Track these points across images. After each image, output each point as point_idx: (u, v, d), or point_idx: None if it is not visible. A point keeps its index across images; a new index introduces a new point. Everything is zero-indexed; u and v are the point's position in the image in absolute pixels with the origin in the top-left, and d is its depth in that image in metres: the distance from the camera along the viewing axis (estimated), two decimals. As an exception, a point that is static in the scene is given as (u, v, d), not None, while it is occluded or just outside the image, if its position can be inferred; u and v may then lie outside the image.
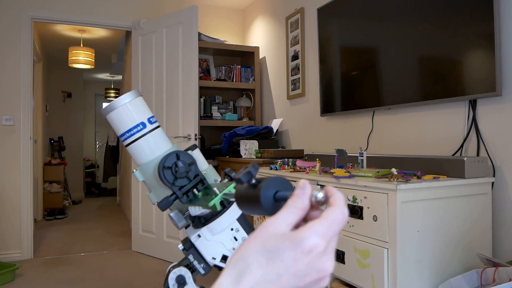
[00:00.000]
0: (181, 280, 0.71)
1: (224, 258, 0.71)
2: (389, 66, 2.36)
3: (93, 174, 9.00)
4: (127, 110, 0.74)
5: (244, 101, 4.24)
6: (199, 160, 0.76)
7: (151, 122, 0.76)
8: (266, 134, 3.65)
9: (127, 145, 0.75)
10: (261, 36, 4.25)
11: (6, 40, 3.70)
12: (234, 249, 0.71)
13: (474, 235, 1.74)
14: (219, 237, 0.71)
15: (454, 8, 1.96)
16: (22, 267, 3.39)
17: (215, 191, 0.65)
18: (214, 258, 0.71)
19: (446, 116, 2.11)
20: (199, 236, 0.71)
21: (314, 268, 0.37)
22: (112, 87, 8.79)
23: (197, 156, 0.76)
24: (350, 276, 1.78)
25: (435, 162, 1.86)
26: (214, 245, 0.71)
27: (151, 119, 0.76)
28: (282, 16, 3.77)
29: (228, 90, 4.31)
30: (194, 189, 0.73)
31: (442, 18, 2.02)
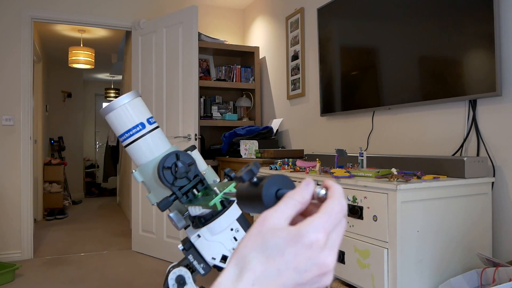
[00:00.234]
0: (180, 280, 0.71)
1: (224, 258, 0.71)
2: (389, 66, 2.36)
3: (93, 174, 9.00)
4: (126, 111, 0.74)
5: (244, 101, 4.24)
6: (198, 161, 0.76)
7: (150, 123, 0.76)
8: (266, 134, 3.65)
9: (126, 145, 0.75)
10: (261, 36, 4.25)
11: (6, 40, 3.70)
12: (233, 249, 0.71)
13: (474, 235, 1.74)
14: (219, 237, 0.71)
15: (454, 8, 1.96)
16: (22, 267, 3.39)
17: (215, 190, 0.65)
18: (214, 258, 0.71)
19: (446, 116, 2.11)
20: (199, 236, 0.71)
21: (314, 263, 0.36)
22: (112, 87, 8.79)
23: (196, 157, 0.76)
24: (350, 276, 1.78)
25: (435, 162, 1.86)
26: (214, 245, 0.71)
27: (150, 120, 0.76)
28: (282, 16, 3.77)
29: (228, 90, 4.30)
30: (194, 189, 0.73)
31: (442, 18, 2.02)
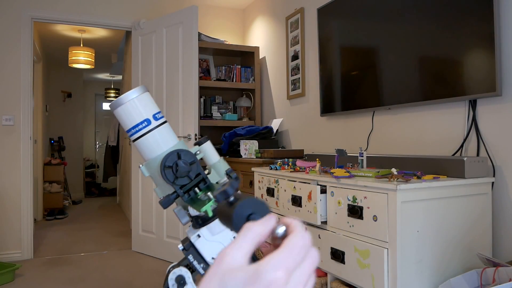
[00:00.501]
0: (180, 280, 0.71)
1: (224, 258, 0.71)
2: (389, 66, 2.36)
3: (93, 174, 9.00)
4: (134, 105, 0.74)
5: (244, 101, 4.24)
6: (210, 152, 0.76)
7: (158, 118, 0.76)
8: (266, 134, 3.65)
9: (134, 140, 0.75)
10: (261, 36, 4.25)
11: (6, 40, 3.70)
12: None
13: (474, 235, 1.74)
14: (219, 237, 0.71)
15: (454, 8, 1.96)
16: (22, 267, 3.39)
17: (209, 195, 0.65)
18: (213, 258, 0.71)
19: (446, 116, 2.11)
20: (198, 236, 0.71)
21: None
22: (112, 87, 8.80)
23: (208, 148, 0.76)
24: (350, 276, 1.78)
25: (435, 162, 1.86)
26: (214, 245, 0.71)
27: (157, 115, 0.76)
28: (282, 16, 3.77)
29: (228, 90, 4.30)
30: (196, 188, 0.73)
31: (442, 18, 2.02)
